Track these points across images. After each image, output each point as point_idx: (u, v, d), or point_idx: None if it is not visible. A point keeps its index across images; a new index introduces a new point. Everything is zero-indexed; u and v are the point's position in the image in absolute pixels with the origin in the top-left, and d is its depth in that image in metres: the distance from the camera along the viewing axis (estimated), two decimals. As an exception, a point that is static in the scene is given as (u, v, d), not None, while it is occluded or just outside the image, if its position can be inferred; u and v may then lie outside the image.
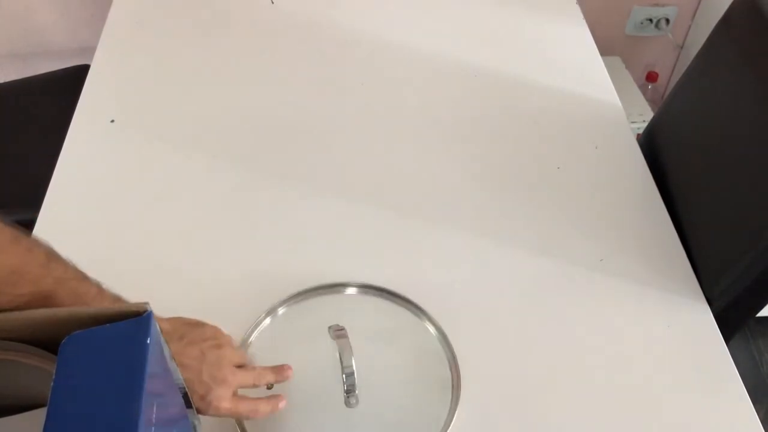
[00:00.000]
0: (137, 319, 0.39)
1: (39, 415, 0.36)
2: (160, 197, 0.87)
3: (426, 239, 0.82)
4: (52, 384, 0.36)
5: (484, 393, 0.69)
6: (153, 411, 0.37)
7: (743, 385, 0.70)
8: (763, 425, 0.67)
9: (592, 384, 0.70)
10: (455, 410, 0.65)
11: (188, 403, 0.53)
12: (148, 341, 0.38)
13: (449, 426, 0.64)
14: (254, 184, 0.88)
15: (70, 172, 0.89)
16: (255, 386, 0.63)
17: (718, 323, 0.75)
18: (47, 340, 0.41)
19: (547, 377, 0.71)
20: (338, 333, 0.64)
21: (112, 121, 0.96)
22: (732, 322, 0.80)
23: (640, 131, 1.07)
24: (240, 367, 0.62)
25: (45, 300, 0.48)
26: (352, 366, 0.61)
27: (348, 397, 0.63)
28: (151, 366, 0.38)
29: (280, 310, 0.72)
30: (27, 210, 0.91)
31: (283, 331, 0.71)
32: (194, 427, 0.56)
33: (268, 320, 0.72)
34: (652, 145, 0.98)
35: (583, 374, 0.71)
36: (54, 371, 0.37)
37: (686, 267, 0.81)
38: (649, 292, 0.78)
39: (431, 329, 0.72)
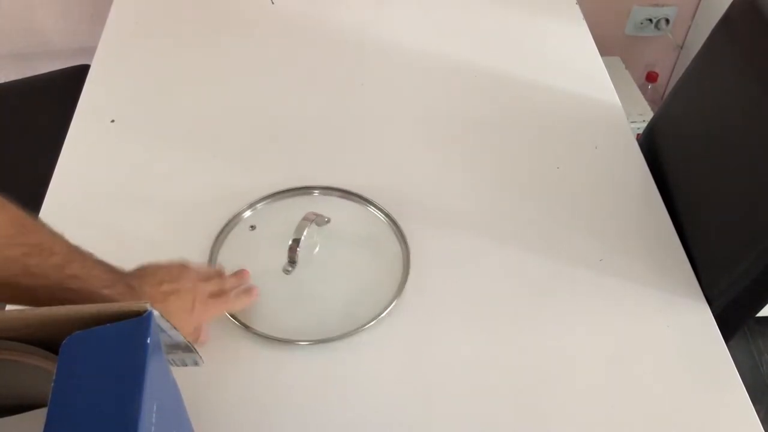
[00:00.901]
0: (137, 319, 0.39)
1: (39, 416, 0.36)
2: (161, 197, 0.87)
3: (423, 242, 0.82)
4: (52, 384, 0.36)
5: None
6: (153, 411, 0.37)
7: (743, 385, 0.70)
8: (763, 425, 0.67)
9: (591, 384, 0.70)
10: (398, 296, 0.75)
11: (189, 348, 0.54)
12: (148, 341, 0.38)
13: (387, 310, 0.74)
14: (256, 183, 0.88)
15: (70, 172, 0.89)
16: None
17: (718, 323, 0.75)
18: (47, 340, 0.41)
19: (547, 377, 0.71)
20: (308, 216, 0.76)
21: (112, 121, 0.96)
22: (732, 322, 0.80)
23: (640, 131, 1.08)
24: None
25: (49, 252, 0.51)
26: (300, 238, 0.74)
27: (288, 263, 0.76)
28: (151, 366, 0.38)
29: (259, 206, 0.85)
30: (27, 210, 0.91)
31: (259, 220, 0.84)
32: (195, 363, 0.57)
33: (249, 212, 0.84)
34: (652, 145, 0.98)
35: (583, 374, 0.71)
36: (54, 371, 0.37)
37: (686, 267, 0.81)
38: (649, 292, 0.78)
39: (391, 229, 0.83)
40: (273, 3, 1.18)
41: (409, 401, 0.68)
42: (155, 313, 0.40)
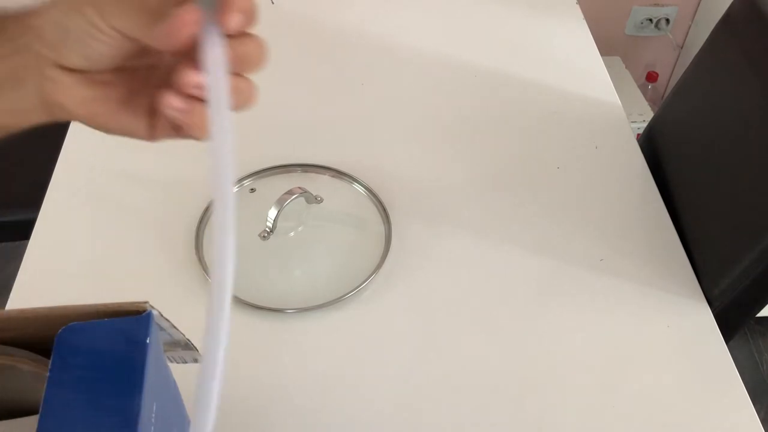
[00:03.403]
0: (136, 317, 0.39)
1: (35, 421, 0.36)
2: (160, 197, 0.87)
3: (426, 242, 0.82)
4: (47, 375, 0.36)
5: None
6: (153, 411, 0.37)
7: (743, 385, 0.70)
8: (763, 425, 0.67)
9: (591, 384, 0.70)
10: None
11: (189, 346, 0.53)
12: (148, 341, 0.38)
13: (366, 282, 0.76)
14: (254, 183, 0.88)
15: (70, 172, 0.89)
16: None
17: (718, 323, 0.75)
18: (46, 339, 0.41)
19: (546, 377, 0.71)
20: (293, 189, 0.78)
21: (112, 120, 0.96)
22: (732, 322, 0.80)
23: (640, 131, 1.07)
24: None
25: None
26: (277, 208, 0.76)
27: (265, 230, 0.77)
28: (151, 366, 0.38)
29: (246, 182, 0.88)
30: (27, 210, 0.91)
31: (247, 195, 0.87)
32: (195, 360, 0.55)
33: (235, 188, 0.87)
34: (652, 145, 0.98)
35: (583, 374, 0.71)
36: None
37: (686, 267, 0.81)
38: (649, 292, 0.78)
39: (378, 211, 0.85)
40: (273, 3, 1.18)
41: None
42: (155, 312, 0.40)
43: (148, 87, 0.41)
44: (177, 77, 0.37)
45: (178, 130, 0.41)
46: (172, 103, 0.38)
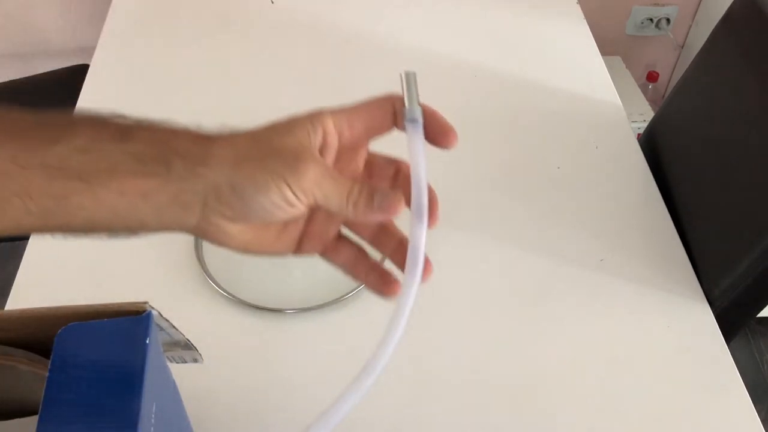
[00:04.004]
0: (136, 317, 0.39)
1: (35, 421, 0.36)
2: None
3: (425, 242, 0.82)
4: (47, 375, 0.36)
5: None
6: (152, 411, 0.37)
7: (744, 385, 0.70)
8: (763, 425, 0.67)
9: (591, 384, 0.70)
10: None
11: (189, 346, 0.53)
12: (148, 341, 0.38)
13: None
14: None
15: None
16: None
17: (718, 323, 0.75)
18: (45, 340, 0.41)
19: (546, 377, 0.71)
20: None
21: (112, 120, 0.96)
22: (732, 322, 0.80)
23: (641, 131, 1.07)
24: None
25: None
26: None
27: None
28: (151, 366, 0.38)
29: None
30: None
31: None
32: (195, 360, 0.54)
33: None
34: (652, 145, 0.98)
35: (583, 374, 0.71)
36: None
37: (686, 267, 0.81)
38: (649, 292, 0.78)
39: None
40: (273, 2, 1.18)
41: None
42: (155, 312, 0.40)
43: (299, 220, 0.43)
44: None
45: (326, 254, 0.46)
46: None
